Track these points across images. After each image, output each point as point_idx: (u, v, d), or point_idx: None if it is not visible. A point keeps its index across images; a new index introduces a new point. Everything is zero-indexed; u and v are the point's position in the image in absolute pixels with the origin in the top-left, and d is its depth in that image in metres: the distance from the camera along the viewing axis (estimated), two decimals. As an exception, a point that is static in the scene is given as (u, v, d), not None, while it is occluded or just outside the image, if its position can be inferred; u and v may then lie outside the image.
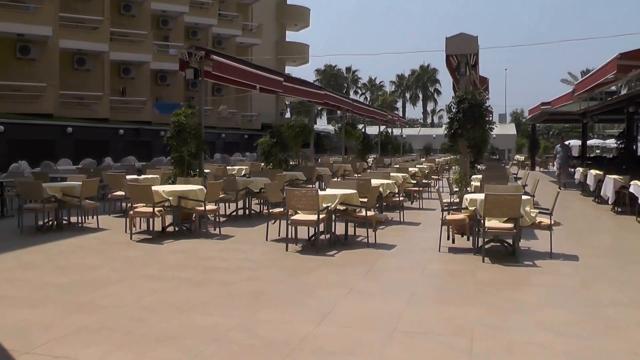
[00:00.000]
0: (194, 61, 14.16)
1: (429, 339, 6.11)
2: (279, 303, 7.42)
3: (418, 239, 12.38)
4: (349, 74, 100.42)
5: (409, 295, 7.87)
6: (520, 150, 61.21)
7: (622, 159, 23.96)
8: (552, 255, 10.11)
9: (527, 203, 10.25)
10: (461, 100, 12.70)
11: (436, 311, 7.15)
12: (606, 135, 71.29)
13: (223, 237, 12.03)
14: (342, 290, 7.98)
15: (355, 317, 6.79)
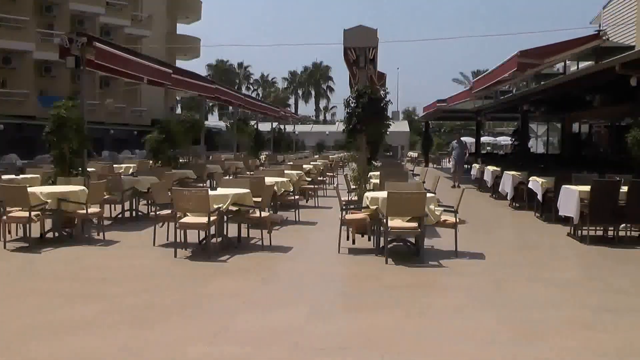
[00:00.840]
0: (75, 48, 12.94)
1: (336, 354, 5.57)
2: (169, 318, 6.65)
3: (316, 240, 11.91)
4: (241, 69, 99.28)
5: (310, 304, 7.30)
6: (414, 147, 62.31)
7: (518, 155, 24.57)
8: (457, 254, 9.90)
9: (431, 201, 9.98)
10: (361, 94, 12.37)
11: (342, 321, 6.64)
12: (496, 133, 73.88)
13: (108, 242, 11.01)
14: (238, 301, 7.34)
15: (253, 333, 6.14)
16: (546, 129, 43.19)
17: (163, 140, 18.11)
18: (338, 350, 5.68)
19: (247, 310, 6.99)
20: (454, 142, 25.69)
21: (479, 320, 6.68)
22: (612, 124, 27.46)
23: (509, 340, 6.03)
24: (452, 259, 9.73)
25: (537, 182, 14.51)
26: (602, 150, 28.10)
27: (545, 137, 44.08)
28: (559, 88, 18.24)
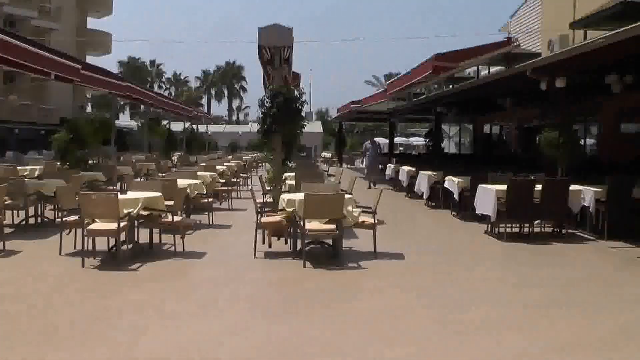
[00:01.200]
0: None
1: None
2: (75, 337, 6.04)
3: (231, 244, 11.48)
4: (154, 67, 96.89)
5: (227, 314, 6.92)
6: (327, 148, 62.62)
7: (433, 155, 24.89)
8: (376, 255, 9.75)
9: (349, 202, 9.81)
10: (276, 94, 12.09)
11: (262, 332, 6.25)
12: (409, 134, 75.14)
13: (8, 253, 10.01)
14: (151, 313, 6.86)
15: (168, 349, 5.69)
16: (458, 130, 44.12)
17: (71, 140, 17.28)
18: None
19: (159, 323, 6.51)
20: (367, 143, 25.49)
21: (403, 323, 6.54)
22: (520, 125, 28.23)
23: (436, 342, 5.91)
24: (372, 260, 9.57)
25: (453, 182, 14.65)
26: (513, 150, 28.82)
27: (457, 138, 45.02)
28: (473, 91, 18.57)
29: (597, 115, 21.08)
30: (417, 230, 13.78)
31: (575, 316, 6.86)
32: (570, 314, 6.96)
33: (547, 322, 6.58)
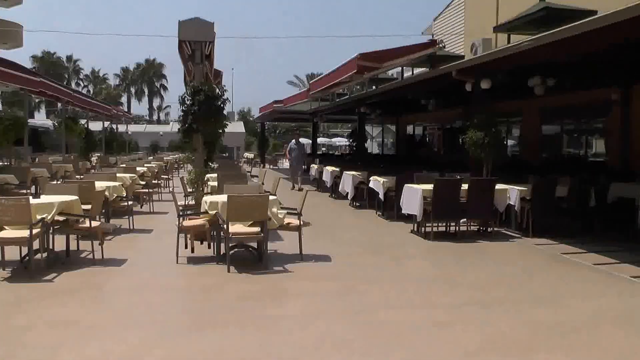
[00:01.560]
0: None
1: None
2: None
3: (152, 250, 10.92)
4: (70, 63, 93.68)
5: (148, 326, 6.41)
6: (249, 148, 61.99)
7: (356, 155, 24.82)
8: (302, 258, 9.46)
9: (274, 204, 9.47)
10: (197, 91, 11.63)
11: (185, 344, 5.80)
12: (331, 134, 75.40)
13: None
14: (67, 329, 6.24)
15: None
16: (381, 131, 44.41)
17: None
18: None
19: (78, 339, 5.93)
20: (292, 143, 24.47)
21: (331, 328, 6.26)
22: (444, 126, 28.55)
23: (361, 348, 5.65)
24: (298, 263, 9.27)
25: (378, 182, 14.52)
26: (436, 150, 29.13)
27: (380, 139, 45.32)
28: (398, 91, 18.56)
29: (520, 116, 21.47)
30: (343, 231, 13.54)
31: (497, 317, 6.74)
32: (494, 314, 6.84)
33: (482, 323, 6.43)
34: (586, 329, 6.38)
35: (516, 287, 8.22)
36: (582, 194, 12.34)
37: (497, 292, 7.89)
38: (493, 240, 11.64)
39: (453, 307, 7.07)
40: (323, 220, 14.39)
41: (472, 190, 11.74)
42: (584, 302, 7.47)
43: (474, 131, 12.98)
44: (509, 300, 7.41)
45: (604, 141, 17.67)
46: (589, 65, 13.69)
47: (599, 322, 6.63)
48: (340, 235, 12.76)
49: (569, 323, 6.54)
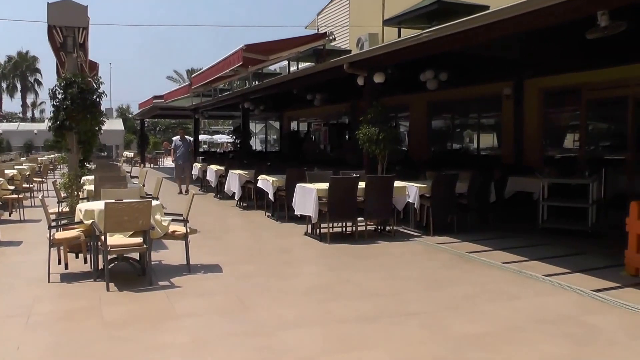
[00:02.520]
0: None
1: None
2: None
3: (21, 266, 9.18)
4: None
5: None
6: (129, 147, 59.32)
7: (241, 153, 23.73)
8: (190, 269, 8.43)
9: (157, 210, 8.35)
10: (69, 83, 10.29)
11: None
12: (213, 131, 73.64)
13: None
14: None
15: None
16: (263, 127, 43.47)
17: None
18: None
19: None
20: (177, 140, 21.45)
21: (224, 354, 5.35)
22: (330, 121, 27.98)
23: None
24: (185, 275, 8.21)
25: (267, 181, 13.58)
26: (322, 147, 28.50)
27: (263, 135, 44.38)
28: (284, 85, 17.66)
29: (407, 111, 21.16)
30: (233, 235, 12.48)
31: (415, 332, 5.99)
32: (410, 328, 6.08)
33: (387, 343, 5.64)
34: (514, 340, 5.74)
35: (428, 293, 7.51)
36: (482, 190, 11.96)
37: (408, 300, 7.14)
38: (393, 241, 10.99)
39: (363, 323, 6.23)
40: (210, 224, 13.31)
41: (369, 189, 11.03)
42: (502, 306, 6.86)
43: (367, 126, 12.33)
44: (424, 311, 6.66)
45: (497, 136, 17.57)
46: (481, 60, 13.36)
47: (524, 330, 6.01)
48: (230, 240, 11.71)
49: (495, 334, 5.89)
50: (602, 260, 9.31)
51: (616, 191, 13.17)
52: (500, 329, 6.07)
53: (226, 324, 6.29)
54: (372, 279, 8.19)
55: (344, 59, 13.10)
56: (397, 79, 13.86)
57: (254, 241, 11.74)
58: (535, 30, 9.60)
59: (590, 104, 14.19)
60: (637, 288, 7.71)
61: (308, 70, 15.58)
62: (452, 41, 9.86)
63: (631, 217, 8.36)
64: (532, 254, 9.65)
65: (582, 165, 13.84)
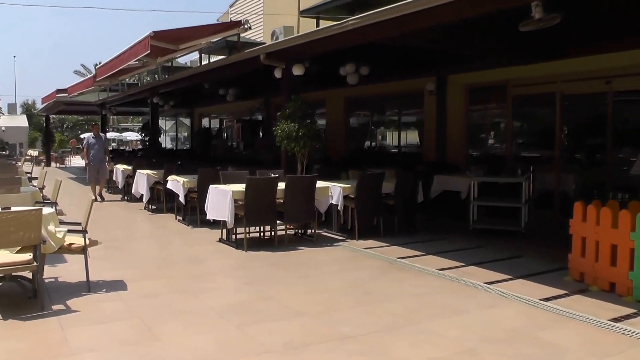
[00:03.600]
0: None
1: None
2: None
3: None
4: None
5: None
6: (34, 145, 56.11)
7: (150, 152, 22.26)
8: (90, 287, 7.17)
9: (50, 220, 7.06)
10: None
11: None
12: (122, 129, 70.81)
13: None
14: None
15: None
16: (174, 124, 41.80)
17: None
18: None
19: None
20: (90, 137, 17.50)
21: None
22: (242, 118, 26.84)
23: None
24: (84, 295, 6.97)
25: (177, 182, 12.36)
26: (234, 144, 27.32)
27: (174, 132, 42.70)
28: (195, 78, 16.40)
29: (324, 107, 20.30)
30: (139, 243, 11.16)
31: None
32: (350, 358, 5.13)
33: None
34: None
35: (361, 310, 6.54)
36: (409, 189, 11.18)
37: (340, 320, 6.14)
38: (316, 246, 10.02)
39: (292, 353, 5.21)
40: (115, 230, 12.00)
41: (290, 190, 9.98)
42: (447, 324, 6.00)
43: (285, 122, 11.36)
44: (360, 333, 5.67)
45: (420, 133, 16.89)
46: (405, 53, 12.63)
47: (478, 353, 5.18)
48: (136, 250, 10.36)
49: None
50: (542, 263, 8.70)
51: (543, 190, 12.75)
52: (451, 354, 5.21)
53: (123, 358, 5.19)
54: (296, 294, 7.19)
55: (260, 49, 12.00)
56: (314, 73, 13.02)
57: (163, 250, 10.50)
58: (468, 22, 8.97)
59: (516, 100, 13.68)
60: (585, 295, 7.11)
61: (221, 62, 14.38)
62: (380, 29, 9.00)
63: (575, 220, 7.75)
64: (467, 258, 8.94)
65: (509, 163, 13.38)
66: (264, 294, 7.23)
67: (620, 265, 7.05)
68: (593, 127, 12.48)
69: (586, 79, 12.02)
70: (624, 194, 11.35)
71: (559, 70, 12.25)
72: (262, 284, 7.72)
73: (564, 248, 7.99)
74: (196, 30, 13.25)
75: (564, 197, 12.35)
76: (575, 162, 12.73)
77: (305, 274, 8.28)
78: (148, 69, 19.49)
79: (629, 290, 6.91)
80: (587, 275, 7.55)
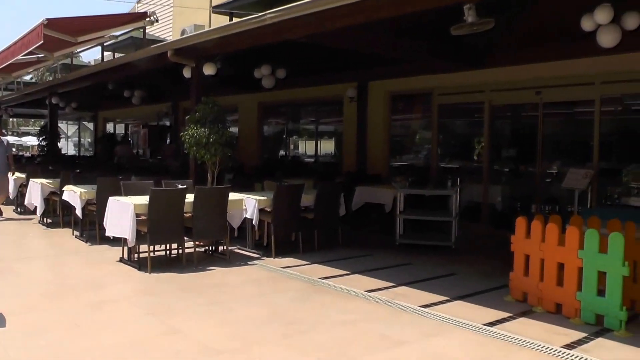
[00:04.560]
0: None
1: None
2: None
3: None
4: None
5: None
6: None
7: (47, 158, 20.47)
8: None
9: None
10: None
11: None
12: (22, 133, 67.07)
13: None
14: None
15: None
16: (77, 129, 39.54)
17: None
18: None
19: None
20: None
21: None
22: (149, 123, 25.34)
23: None
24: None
25: (74, 193, 10.91)
26: (142, 152, 25.72)
27: (77, 138, 40.41)
28: (100, 75, 14.90)
29: (237, 113, 19.20)
30: (28, 266, 9.30)
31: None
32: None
33: None
34: None
35: (287, 343, 5.53)
36: (331, 202, 10.26)
37: (264, 358, 5.15)
38: (230, 265, 8.88)
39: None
40: (4, 248, 10.52)
41: (199, 203, 8.81)
42: (389, 358, 5.15)
43: (194, 127, 10.26)
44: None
45: (339, 142, 16.02)
46: (326, 56, 11.79)
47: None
48: (24, 273, 8.68)
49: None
50: (477, 281, 8.01)
51: (470, 202, 12.17)
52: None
53: None
54: (208, 326, 6.07)
55: (168, 44, 10.75)
56: (227, 75, 12.01)
57: (56, 273, 8.95)
58: (397, 22, 8.32)
59: (442, 109, 13.05)
60: (530, 318, 6.45)
61: (126, 59, 12.99)
62: (301, 25, 8.11)
63: (518, 236, 7.06)
64: (397, 277, 8.10)
65: (435, 175, 12.76)
66: (170, 326, 6.06)
67: (568, 285, 6.44)
68: (522, 138, 12.02)
69: (516, 89, 11.56)
70: (551, 206, 10.96)
71: (488, 79, 11.72)
72: (168, 314, 6.53)
73: (497, 264, 7.49)
74: (96, 21, 11.89)
75: (492, 210, 11.81)
76: (503, 174, 12.23)
77: (217, 299, 7.14)
78: (46, 65, 17.87)
79: (576, 312, 6.32)
80: (531, 296, 6.88)
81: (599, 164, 10.27)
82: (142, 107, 22.12)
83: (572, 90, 10.79)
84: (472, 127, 12.87)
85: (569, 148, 11.27)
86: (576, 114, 11.32)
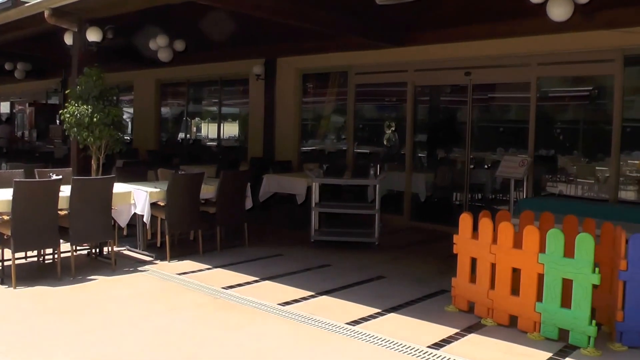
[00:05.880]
0: None
1: None
2: None
3: None
4: None
5: None
6: None
7: None
8: None
9: None
10: None
11: None
12: None
13: None
14: None
15: None
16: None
17: None
18: None
19: None
20: None
21: None
22: (35, 101, 22.82)
23: None
24: None
25: None
26: (28, 134, 23.15)
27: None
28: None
29: (134, 91, 17.29)
30: None
31: None
32: None
33: None
34: None
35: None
36: (236, 193, 8.74)
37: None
38: (116, 273, 7.17)
39: None
40: None
41: (77, 198, 7.00)
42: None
43: (76, 104, 8.57)
44: None
45: (245, 125, 14.45)
46: (230, 31, 10.32)
47: None
48: None
49: None
50: (410, 287, 6.80)
51: (390, 192, 11.02)
52: None
53: None
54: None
55: (45, 2, 8.71)
56: (120, 47, 10.33)
57: None
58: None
59: (360, 89, 11.78)
60: (481, 334, 5.33)
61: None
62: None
63: (461, 235, 5.87)
64: (316, 284, 6.78)
65: (351, 162, 11.55)
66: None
67: (525, 295, 5.31)
68: (450, 122, 10.93)
69: (443, 69, 10.46)
70: (481, 195, 10.05)
71: (412, 58, 10.54)
72: (30, 350, 4.79)
73: (428, 264, 6.74)
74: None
75: (416, 201, 10.72)
76: (428, 161, 11.17)
77: (96, 324, 5.42)
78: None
79: (535, 326, 5.23)
80: (479, 306, 5.71)
81: (535, 151, 9.32)
82: (30, 83, 19.77)
83: (505, 71, 9.78)
84: (394, 110, 11.68)
85: (502, 134, 10.32)
86: (510, 98, 10.36)
